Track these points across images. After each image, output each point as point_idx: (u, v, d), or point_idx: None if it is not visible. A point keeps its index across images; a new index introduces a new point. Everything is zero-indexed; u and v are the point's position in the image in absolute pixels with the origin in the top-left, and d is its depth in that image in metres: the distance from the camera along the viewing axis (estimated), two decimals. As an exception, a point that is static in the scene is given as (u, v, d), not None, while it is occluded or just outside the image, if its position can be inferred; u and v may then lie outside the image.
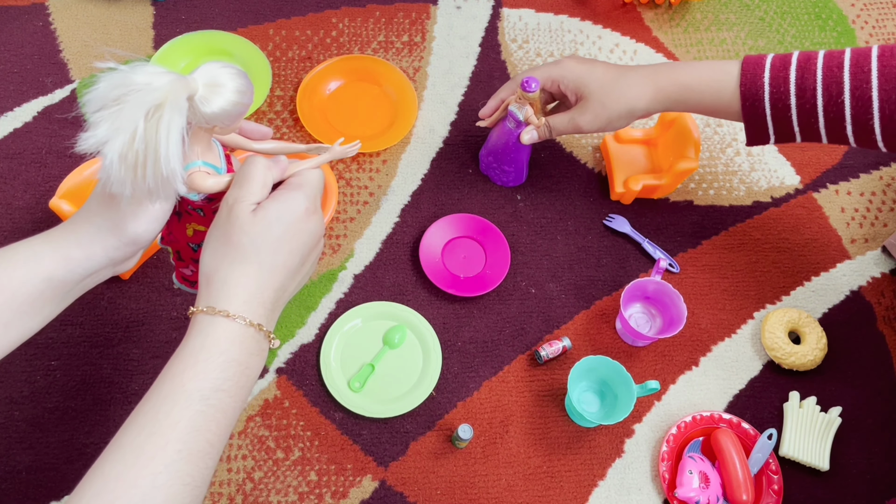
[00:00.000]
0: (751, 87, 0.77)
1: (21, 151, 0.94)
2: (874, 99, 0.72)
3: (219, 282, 0.55)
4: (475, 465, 0.83)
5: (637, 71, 0.82)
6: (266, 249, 0.55)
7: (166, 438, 0.50)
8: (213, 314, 0.54)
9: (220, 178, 0.57)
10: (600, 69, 0.83)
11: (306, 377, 0.85)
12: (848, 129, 0.75)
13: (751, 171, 1.03)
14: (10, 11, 1.03)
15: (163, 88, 0.49)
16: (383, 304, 0.89)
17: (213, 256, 0.56)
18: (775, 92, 0.76)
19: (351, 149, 0.62)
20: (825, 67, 0.74)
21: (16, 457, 0.79)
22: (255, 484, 0.80)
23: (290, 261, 0.57)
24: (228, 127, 0.55)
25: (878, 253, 0.99)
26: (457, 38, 1.08)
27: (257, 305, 0.55)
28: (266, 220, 0.55)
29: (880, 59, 0.73)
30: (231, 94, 0.52)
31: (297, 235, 0.57)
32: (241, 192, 0.56)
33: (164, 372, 0.53)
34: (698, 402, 0.88)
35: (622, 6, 1.14)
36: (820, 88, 0.74)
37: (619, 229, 0.96)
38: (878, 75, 0.72)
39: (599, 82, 0.82)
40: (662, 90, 0.81)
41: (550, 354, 0.87)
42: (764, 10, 1.17)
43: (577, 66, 0.84)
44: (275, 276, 0.56)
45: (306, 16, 1.08)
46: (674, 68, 0.82)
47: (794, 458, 0.84)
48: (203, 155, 0.57)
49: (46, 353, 0.83)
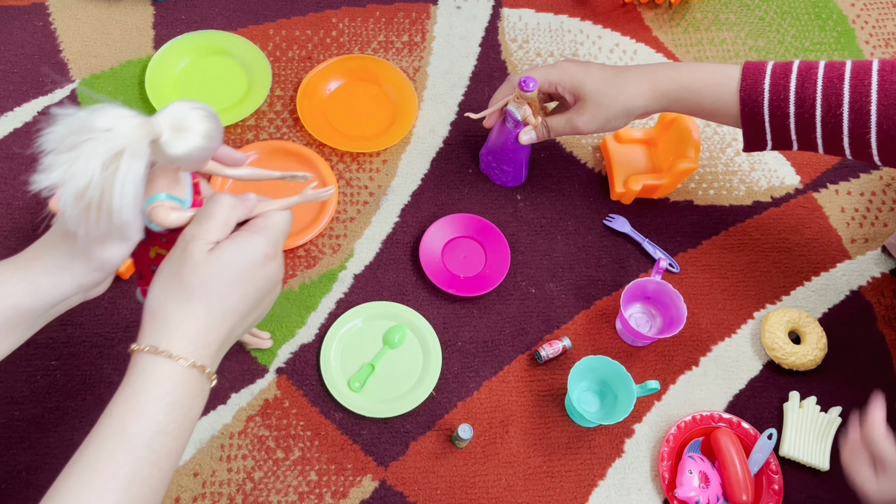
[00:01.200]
0: (751, 92, 0.77)
1: (21, 151, 0.94)
2: (872, 113, 0.73)
3: (163, 318, 0.52)
4: (475, 465, 0.83)
5: (634, 70, 0.82)
6: (217, 292, 0.53)
7: (106, 488, 0.48)
8: (156, 354, 0.51)
9: (182, 213, 0.55)
10: (596, 70, 0.83)
11: (306, 377, 0.85)
12: (845, 141, 0.75)
13: (751, 171, 1.03)
14: (10, 11, 1.03)
15: (124, 135, 0.47)
16: (383, 304, 0.89)
17: (162, 291, 0.53)
18: (775, 99, 0.76)
19: (324, 193, 0.60)
20: (826, 78, 0.75)
21: (16, 457, 0.79)
22: (255, 484, 0.80)
23: (242, 305, 0.55)
24: (196, 167, 0.53)
25: (878, 253, 0.99)
26: (457, 38, 1.08)
27: (202, 347, 0.53)
28: (220, 262, 0.53)
29: (880, 73, 0.73)
30: (197, 139, 0.51)
31: (252, 281, 0.54)
32: (199, 230, 0.53)
33: (104, 414, 0.51)
34: (698, 402, 0.88)
35: (622, 6, 1.14)
36: (819, 99, 0.75)
37: (619, 229, 0.96)
38: (878, 90, 0.72)
39: (596, 82, 0.82)
40: (660, 89, 0.81)
41: (550, 354, 0.87)
42: (764, 10, 1.17)
43: (574, 67, 0.83)
44: (224, 320, 0.54)
45: (306, 16, 1.08)
46: (673, 68, 0.82)
47: (794, 458, 0.84)
48: (169, 188, 0.55)
49: (46, 353, 0.83)
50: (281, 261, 0.58)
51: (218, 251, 0.53)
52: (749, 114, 0.78)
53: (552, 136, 0.87)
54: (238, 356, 0.85)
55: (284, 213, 0.57)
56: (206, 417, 0.82)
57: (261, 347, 0.85)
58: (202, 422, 0.82)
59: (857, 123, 0.74)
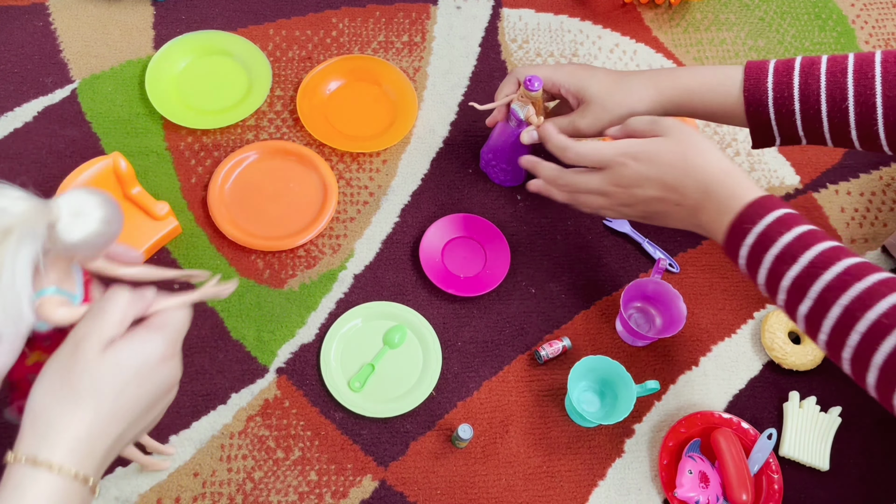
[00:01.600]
0: (754, 92, 0.77)
1: (21, 151, 0.94)
2: (878, 105, 0.72)
3: (45, 424, 0.48)
4: (475, 465, 0.83)
5: (639, 75, 0.82)
6: (108, 394, 0.49)
7: None
8: (35, 465, 0.47)
9: (73, 309, 0.52)
10: (601, 73, 0.83)
11: (306, 377, 0.85)
12: (853, 133, 0.75)
13: (751, 171, 1.03)
14: (10, 11, 1.03)
15: (17, 216, 0.45)
16: (383, 304, 0.89)
17: (46, 393, 0.49)
18: (779, 97, 0.76)
19: (224, 289, 0.57)
20: (829, 73, 0.74)
21: (16, 457, 0.78)
22: (256, 484, 0.80)
23: (134, 409, 0.51)
24: (92, 257, 0.51)
25: (878, 253, 0.99)
26: (457, 38, 1.08)
27: (86, 455, 0.48)
28: (115, 362, 0.49)
29: (884, 64, 0.73)
30: (95, 224, 0.48)
31: (147, 382, 0.51)
32: (92, 327, 0.49)
33: None
34: (698, 402, 0.88)
35: (622, 6, 1.14)
36: (824, 94, 0.74)
37: (619, 229, 0.96)
38: (882, 81, 0.72)
39: (601, 85, 0.82)
40: (664, 93, 0.81)
41: (550, 354, 0.87)
42: (764, 10, 1.17)
43: (580, 70, 0.83)
44: (112, 425, 0.50)
45: (306, 16, 1.08)
46: (676, 72, 0.82)
47: (794, 458, 0.84)
48: (60, 282, 0.52)
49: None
50: (178, 361, 0.54)
51: (113, 350, 0.50)
52: (754, 113, 0.78)
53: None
54: (238, 356, 0.85)
55: (183, 311, 0.54)
56: (206, 417, 0.82)
57: (158, 468, 0.78)
58: (202, 422, 0.82)
59: (864, 116, 0.73)
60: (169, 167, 0.95)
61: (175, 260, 0.89)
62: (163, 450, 0.78)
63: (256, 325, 0.87)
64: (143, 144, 0.96)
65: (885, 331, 0.58)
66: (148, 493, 0.78)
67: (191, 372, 0.84)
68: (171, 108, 0.97)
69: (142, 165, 0.94)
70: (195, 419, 0.82)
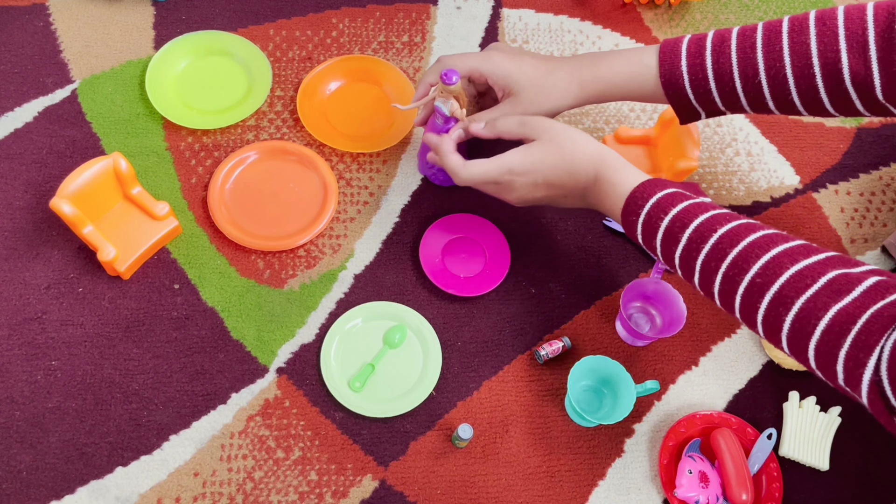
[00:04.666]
0: (670, 77, 0.79)
1: (21, 151, 0.94)
2: (789, 76, 0.75)
3: None
4: (475, 465, 0.83)
5: (563, 67, 0.82)
6: None
7: None
8: None
9: None
10: (528, 65, 0.82)
11: (306, 377, 0.85)
12: (770, 104, 0.78)
13: (750, 171, 1.03)
14: (10, 11, 1.03)
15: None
16: (383, 304, 0.89)
17: None
18: (694, 79, 0.78)
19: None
20: (739, 50, 0.76)
21: (16, 457, 0.79)
22: (256, 483, 0.80)
23: None
24: None
25: (878, 253, 0.99)
26: (457, 39, 1.08)
27: None
28: None
29: (790, 34, 0.75)
30: None
31: None
32: None
33: None
34: (698, 402, 0.88)
35: (622, 6, 1.14)
36: (736, 72, 0.77)
37: (619, 229, 0.96)
38: (790, 52, 0.74)
39: (528, 79, 0.82)
40: (587, 88, 0.82)
41: (550, 354, 0.87)
42: (764, 10, 1.17)
43: (506, 61, 0.82)
44: None
45: (306, 16, 1.08)
46: (596, 63, 0.82)
47: (794, 458, 0.84)
48: None
49: (46, 353, 0.83)
50: None
51: None
52: (674, 96, 0.80)
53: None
54: (238, 356, 0.85)
55: None
56: (207, 417, 0.82)
57: None
58: (202, 422, 0.82)
59: (777, 89, 0.76)
60: (169, 167, 0.95)
61: (175, 260, 0.89)
62: None
63: (256, 325, 0.87)
64: (143, 144, 0.96)
65: (762, 291, 0.65)
66: (148, 493, 0.78)
67: (191, 372, 0.84)
68: (172, 109, 0.97)
69: (142, 165, 0.94)
70: (195, 419, 0.82)
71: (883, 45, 0.71)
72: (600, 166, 0.77)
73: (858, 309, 0.59)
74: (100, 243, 0.84)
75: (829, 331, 0.60)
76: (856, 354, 0.58)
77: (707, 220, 0.70)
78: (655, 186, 0.74)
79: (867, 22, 0.72)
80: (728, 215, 0.70)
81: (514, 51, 0.85)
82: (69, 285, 0.87)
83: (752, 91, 0.77)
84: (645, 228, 0.74)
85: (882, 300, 0.58)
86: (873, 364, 0.57)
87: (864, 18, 0.72)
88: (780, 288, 0.64)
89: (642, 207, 0.73)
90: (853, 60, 0.72)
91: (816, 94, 0.75)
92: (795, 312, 0.63)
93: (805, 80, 0.74)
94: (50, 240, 0.89)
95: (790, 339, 0.64)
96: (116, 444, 0.80)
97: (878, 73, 0.71)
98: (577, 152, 0.77)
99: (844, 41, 0.72)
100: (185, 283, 0.88)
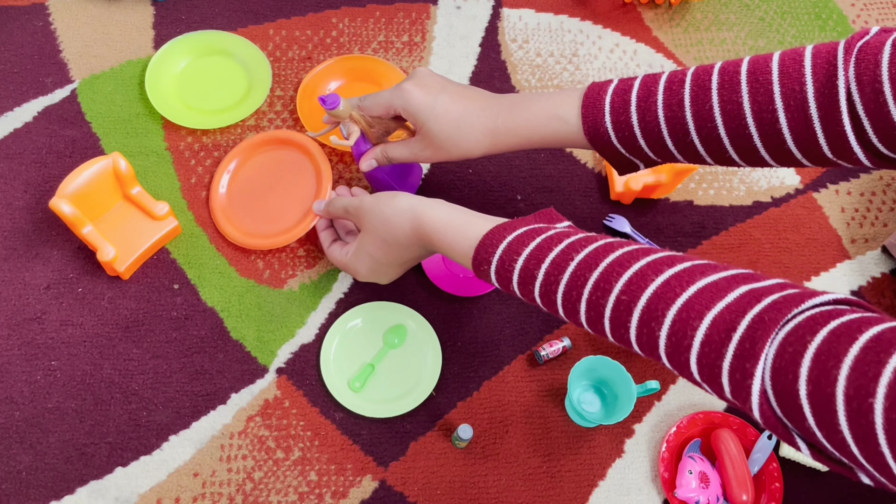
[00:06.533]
0: (596, 136, 0.74)
1: (21, 151, 0.94)
2: (723, 136, 0.69)
3: None
4: (475, 465, 0.83)
5: (477, 116, 0.78)
6: None
7: None
8: None
9: None
10: (441, 108, 0.78)
11: (306, 377, 0.85)
12: (707, 160, 0.73)
13: (751, 171, 1.03)
14: (10, 11, 1.03)
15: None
16: (383, 304, 0.89)
17: None
18: (622, 137, 0.73)
19: None
20: (665, 107, 0.70)
21: (15, 457, 0.79)
22: (255, 484, 0.80)
23: None
24: None
25: (878, 253, 0.99)
26: (457, 38, 1.08)
27: None
28: None
29: (720, 91, 0.68)
30: None
31: None
32: None
33: None
34: (698, 402, 0.88)
35: (622, 6, 1.14)
36: (666, 131, 0.71)
37: (619, 229, 0.96)
38: (721, 112, 0.68)
39: (439, 125, 0.78)
40: (500, 142, 0.79)
41: (550, 354, 0.87)
42: (764, 10, 1.17)
43: (421, 96, 0.78)
44: None
45: (306, 16, 1.08)
46: (513, 114, 0.77)
47: (794, 458, 0.84)
48: None
49: (46, 353, 0.83)
50: None
51: None
52: (604, 151, 0.76)
53: (394, 162, 0.84)
54: (238, 356, 0.85)
55: None
56: (206, 417, 0.82)
57: None
58: (202, 422, 0.82)
59: (712, 146, 0.70)
60: (169, 167, 0.95)
61: (175, 260, 0.89)
62: None
63: (256, 325, 0.87)
64: (143, 144, 0.96)
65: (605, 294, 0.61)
66: (148, 493, 0.78)
67: (191, 372, 0.84)
68: (171, 108, 0.97)
69: (142, 165, 0.94)
70: (195, 419, 0.82)
71: (823, 101, 0.63)
72: (416, 213, 0.75)
73: (735, 314, 0.53)
74: (99, 243, 0.84)
75: (707, 342, 0.54)
76: (741, 365, 0.52)
77: (562, 250, 0.64)
78: (504, 231, 0.69)
79: (805, 76, 0.64)
80: (584, 239, 0.65)
81: (434, 84, 0.79)
82: (69, 285, 0.87)
83: (686, 149, 0.71)
84: (499, 275, 0.69)
85: (759, 303, 0.53)
86: (760, 373, 0.51)
87: (801, 72, 0.64)
88: (647, 302, 0.58)
89: (493, 255, 0.68)
90: (792, 121, 0.65)
91: (756, 153, 0.68)
92: (668, 326, 0.57)
93: (742, 140, 0.68)
94: (49, 240, 0.89)
95: (670, 356, 0.58)
96: (116, 444, 0.80)
97: (822, 133, 0.64)
98: (397, 233, 0.76)
99: (780, 99, 0.65)
100: (185, 284, 0.88)
